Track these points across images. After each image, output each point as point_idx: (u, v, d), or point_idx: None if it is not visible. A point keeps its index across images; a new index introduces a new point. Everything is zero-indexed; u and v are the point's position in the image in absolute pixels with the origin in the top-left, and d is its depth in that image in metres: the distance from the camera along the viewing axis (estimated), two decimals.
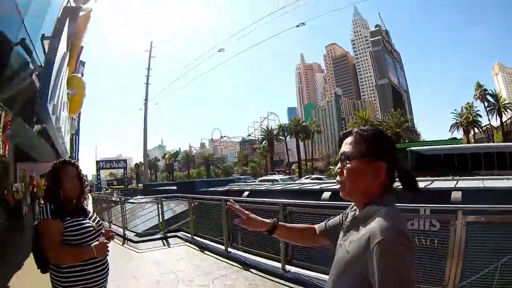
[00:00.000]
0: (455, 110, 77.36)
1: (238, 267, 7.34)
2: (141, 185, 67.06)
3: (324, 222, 1.98)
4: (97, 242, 2.77)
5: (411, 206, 5.04)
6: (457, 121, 75.81)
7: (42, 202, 2.95)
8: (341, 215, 1.84)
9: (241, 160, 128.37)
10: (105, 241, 2.85)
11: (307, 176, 45.50)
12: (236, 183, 29.10)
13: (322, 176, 46.19)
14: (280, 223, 2.10)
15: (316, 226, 2.04)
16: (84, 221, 2.85)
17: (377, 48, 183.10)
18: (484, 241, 4.63)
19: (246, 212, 2.12)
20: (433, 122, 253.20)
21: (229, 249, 8.49)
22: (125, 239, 11.60)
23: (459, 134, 77.39)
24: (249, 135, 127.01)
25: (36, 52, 11.58)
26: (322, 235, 1.97)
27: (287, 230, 2.14)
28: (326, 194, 12.12)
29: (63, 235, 2.68)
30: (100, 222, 3.11)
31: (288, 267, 6.69)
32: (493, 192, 9.66)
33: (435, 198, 8.61)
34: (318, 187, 15.41)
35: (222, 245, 8.77)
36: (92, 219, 3.01)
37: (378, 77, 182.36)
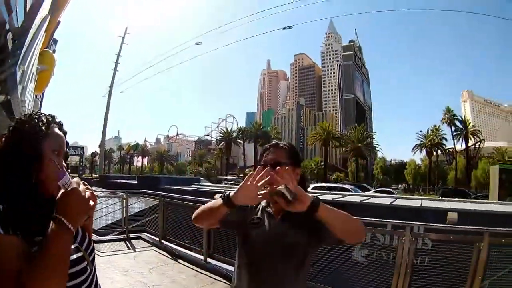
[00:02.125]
0: (420, 131, 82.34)
1: (225, 282, 6.42)
2: (96, 175, 64.62)
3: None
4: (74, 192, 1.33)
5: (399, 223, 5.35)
6: (422, 142, 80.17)
7: None
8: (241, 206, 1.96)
9: (195, 160, 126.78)
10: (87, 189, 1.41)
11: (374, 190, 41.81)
12: (201, 184, 27.77)
13: (389, 189, 43.86)
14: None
15: None
16: None
17: (347, 62, 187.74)
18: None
19: None
20: (393, 142, 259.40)
21: (209, 260, 7.51)
22: None
23: (421, 155, 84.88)
24: (207, 135, 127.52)
25: (16, 11, 10.46)
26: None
27: None
28: None
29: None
30: (92, 246, 1.63)
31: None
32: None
33: None
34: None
35: (199, 254, 7.82)
36: (79, 239, 1.53)
37: (344, 91, 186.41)
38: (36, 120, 1.47)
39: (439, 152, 79.23)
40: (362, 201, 12.79)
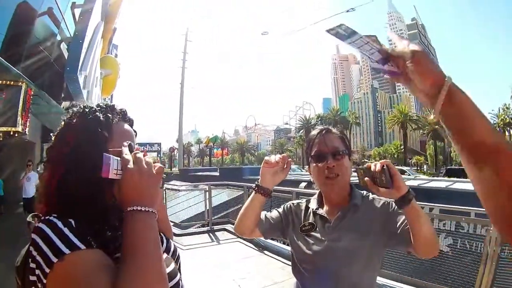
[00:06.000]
0: (492, 110, 76.61)
1: None
2: (175, 169, 66.55)
3: (264, 217, 2.03)
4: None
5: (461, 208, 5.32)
6: (494, 122, 73.92)
7: (43, 216, 1.02)
8: (285, 212, 2.06)
9: (276, 149, 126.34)
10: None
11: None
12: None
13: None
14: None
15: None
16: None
17: (414, 42, 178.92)
18: None
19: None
20: None
21: None
22: None
23: None
24: (286, 124, 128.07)
25: (65, 22, 11.22)
26: (258, 228, 1.98)
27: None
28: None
29: None
30: (178, 253, 1.38)
31: None
32: None
33: None
34: None
35: (287, 245, 7.25)
36: (171, 252, 1.34)
37: None
38: (95, 112, 1.15)
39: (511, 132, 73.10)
40: (447, 187, 12.24)
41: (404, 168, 35.62)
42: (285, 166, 1.88)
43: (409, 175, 29.48)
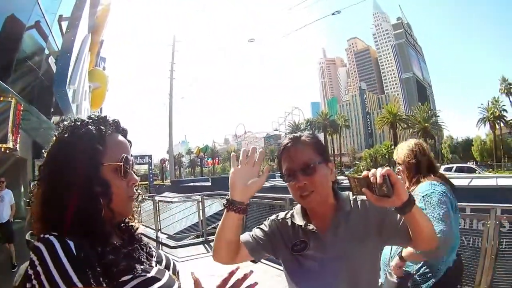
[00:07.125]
0: (481, 104, 77.75)
1: None
2: (167, 181, 66.21)
3: (251, 237, 1.79)
4: None
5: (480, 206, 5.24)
6: (484, 116, 75.61)
7: (42, 235, 0.96)
8: (271, 229, 1.82)
9: (267, 155, 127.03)
10: None
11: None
12: (277, 179, 27.63)
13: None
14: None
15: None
16: (159, 277, 1.10)
17: (400, 41, 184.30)
18: None
19: None
20: (457, 117, 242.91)
21: None
22: (159, 243, 10.15)
23: (485, 129, 79.81)
24: (276, 130, 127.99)
25: (52, 36, 11.11)
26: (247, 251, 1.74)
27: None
28: None
29: None
30: (172, 261, 1.37)
31: None
32: None
33: None
34: None
35: None
36: (164, 262, 1.31)
37: (402, 71, 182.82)
38: (87, 125, 1.12)
39: (502, 124, 75.13)
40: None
41: (474, 166, 35.16)
42: (261, 170, 1.61)
43: (479, 173, 29.63)
